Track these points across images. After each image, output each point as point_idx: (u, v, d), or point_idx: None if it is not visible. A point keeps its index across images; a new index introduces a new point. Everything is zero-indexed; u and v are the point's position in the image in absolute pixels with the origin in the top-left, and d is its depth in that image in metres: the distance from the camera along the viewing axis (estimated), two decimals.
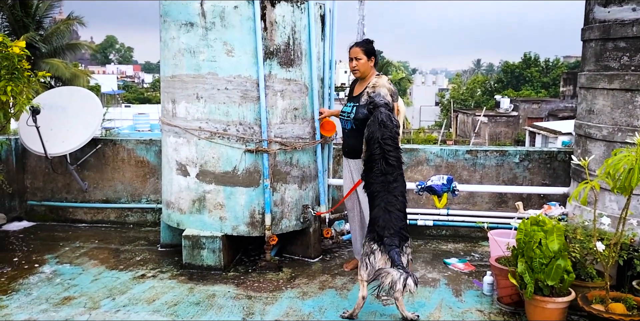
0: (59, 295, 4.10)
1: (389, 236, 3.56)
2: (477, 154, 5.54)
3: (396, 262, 3.46)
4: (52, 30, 22.16)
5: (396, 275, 3.37)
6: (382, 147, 3.74)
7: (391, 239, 3.55)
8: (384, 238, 3.56)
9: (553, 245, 3.37)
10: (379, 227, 3.62)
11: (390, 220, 3.60)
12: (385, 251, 3.54)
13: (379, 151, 3.74)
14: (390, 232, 3.57)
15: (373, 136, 3.79)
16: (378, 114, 3.84)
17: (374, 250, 3.59)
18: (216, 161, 4.55)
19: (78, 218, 6.13)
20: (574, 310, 3.61)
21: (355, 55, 4.29)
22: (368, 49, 4.29)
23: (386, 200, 3.67)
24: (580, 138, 4.45)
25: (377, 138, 3.76)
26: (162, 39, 4.75)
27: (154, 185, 5.98)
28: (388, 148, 3.74)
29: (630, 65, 3.94)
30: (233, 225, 4.61)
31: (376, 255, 3.57)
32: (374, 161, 3.77)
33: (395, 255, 3.49)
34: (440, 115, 47.42)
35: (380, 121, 3.80)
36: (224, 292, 4.15)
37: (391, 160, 3.73)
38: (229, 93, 4.46)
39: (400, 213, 3.65)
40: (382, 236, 3.58)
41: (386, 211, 3.64)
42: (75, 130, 5.66)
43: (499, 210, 5.51)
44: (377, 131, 3.78)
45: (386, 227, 3.59)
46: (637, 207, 3.88)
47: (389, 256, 3.51)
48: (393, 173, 3.73)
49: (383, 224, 3.61)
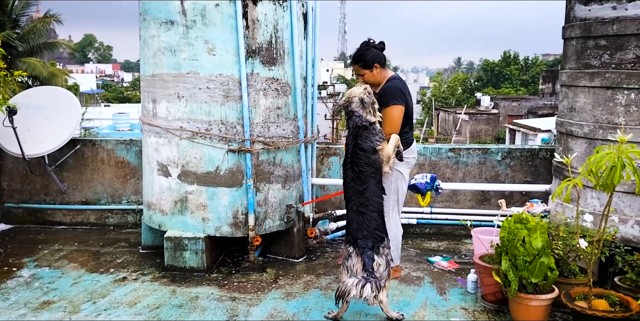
0: (38, 299, 4.01)
1: (362, 238, 3.56)
2: (460, 152, 5.56)
3: (366, 266, 3.46)
4: (29, 28, 21.77)
5: (350, 283, 3.37)
6: (352, 157, 3.74)
7: (364, 241, 3.54)
8: (357, 241, 3.56)
9: (536, 243, 3.38)
10: (353, 229, 3.62)
11: (362, 222, 3.60)
12: (360, 254, 3.53)
13: (349, 160, 3.75)
14: (363, 234, 3.56)
15: (347, 149, 3.80)
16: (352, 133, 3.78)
17: (350, 253, 3.58)
18: (198, 161, 4.49)
19: (57, 221, 6.02)
20: (557, 307, 3.64)
21: (358, 72, 4.08)
22: (365, 62, 4.01)
23: (358, 202, 3.66)
24: (561, 135, 4.48)
25: (349, 152, 3.76)
26: (142, 38, 4.68)
27: (134, 186, 5.90)
28: (358, 157, 3.71)
29: (611, 63, 3.97)
30: (216, 226, 4.55)
31: (352, 258, 3.55)
32: (346, 167, 3.78)
33: (367, 258, 3.49)
34: (422, 113, 47.68)
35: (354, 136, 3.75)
36: (207, 294, 4.10)
37: (360, 166, 3.71)
38: (210, 93, 4.40)
39: (374, 213, 3.64)
40: (356, 238, 3.58)
41: (358, 213, 3.63)
42: (53, 130, 5.56)
43: (482, 207, 5.54)
44: (349, 145, 3.79)
45: (359, 229, 3.59)
46: (618, 204, 3.92)
47: (361, 260, 3.51)
48: (362, 177, 3.70)
49: (356, 226, 3.61)
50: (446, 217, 5.48)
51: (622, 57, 3.90)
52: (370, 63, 3.99)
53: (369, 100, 3.78)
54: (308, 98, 4.98)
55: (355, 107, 3.77)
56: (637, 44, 3.83)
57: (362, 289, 3.35)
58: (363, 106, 3.76)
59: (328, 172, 5.68)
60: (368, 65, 4.00)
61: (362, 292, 3.34)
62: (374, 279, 3.43)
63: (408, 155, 4.15)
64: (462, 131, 34.62)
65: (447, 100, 48.09)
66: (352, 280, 3.39)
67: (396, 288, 4.19)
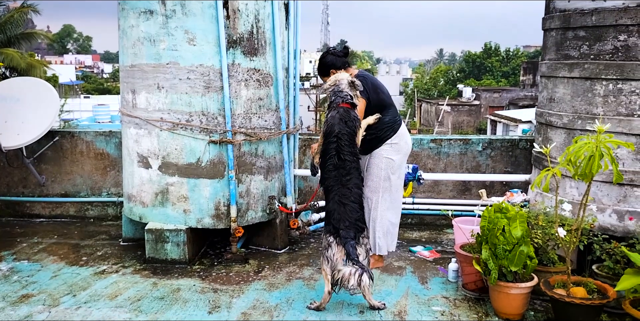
0: (16, 292, 3.96)
1: (344, 228, 3.58)
2: (442, 143, 5.59)
3: (351, 256, 3.50)
4: (6, 18, 21.32)
5: (347, 272, 3.41)
6: (338, 142, 3.74)
7: (347, 231, 3.57)
8: (339, 231, 3.59)
9: (516, 232, 3.42)
10: (334, 219, 3.64)
11: (345, 213, 3.62)
12: (342, 244, 3.56)
13: (335, 145, 3.75)
14: (345, 225, 3.59)
15: (331, 130, 3.79)
16: (339, 110, 3.83)
17: (331, 243, 3.60)
18: (179, 153, 4.45)
19: (36, 213, 5.94)
20: (536, 295, 3.69)
21: (323, 80, 4.38)
22: (322, 70, 4.37)
23: (340, 193, 3.68)
24: (541, 126, 4.53)
25: (335, 133, 3.76)
26: (121, 28, 4.61)
27: (114, 178, 5.83)
28: (343, 143, 3.74)
29: (589, 54, 4.01)
30: (197, 218, 4.53)
31: (333, 247, 3.58)
32: (328, 155, 3.77)
33: (350, 248, 3.51)
34: (405, 104, 47.84)
35: (340, 117, 3.80)
36: (189, 286, 4.08)
37: (345, 155, 3.73)
38: (191, 83, 4.36)
39: (355, 204, 3.68)
40: (337, 228, 3.60)
41: (340, 204, 3.65)
42: (30, 122, 5.46)
43: (463, 198, 5.58)
44: (335, 125, 3.78)
45: (341, 220, 3.61)
46: (596, 193, 3.98)
47: (345, 250, 3.54)
48: (346, 167, 3.73)
49: (338, 217, 3.63)
50: (428, 207, 5.52)
51: (600, 48, 3.94)
52: (326, 70, 4.32)
53: (358, 83, 3.95)
54: (290, 89, 4.95)
55: (345, 88, 3.90)
56: (616, 35, 3.87)
57: (360, 278, 3.41)
58: (353, 87, 3.92)
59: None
60: (325, 73, 4.33)
61: (360, 281, 3.40)
62: (367, 267, 3.48)
63: (395, 141, 4.23)
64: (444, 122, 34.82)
65: (430, 91, 48.29)
66: (349, 269, 3.43)
67: (378, 278, 4.21)
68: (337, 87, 3.93)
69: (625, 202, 3.90)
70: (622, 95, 3.87)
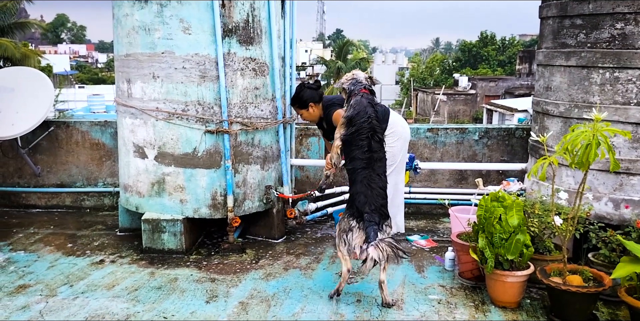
0: (13, 283, 3.96)
1: (369, 212, 3.48)
2: (438, 132, 5.58)
3: (370, 239, 3.39)
4: None
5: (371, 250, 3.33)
6: (371, 123, 3.69)
7: (371, 215, 3.47)
8: (364, 215, 3.49)
9: (512, 220, 3.43)
10: (360, 202, 3.53)
11: (372, 197, 3.53)
12: (363, 229, 3.46)
13: (368, 127, 3.67)
14: (371, 208, 3.49)
15: (364, 112, 3.71)
16: (362, 95, 3.84)
17: (352, 227, 3.50)
18: (175, 142, 4.43)
19: (32, 204, 5.92)
20: (533, 283, 3.70)
21: (297, 112, 4.67)
22: (301, 103, 4.56)
23: (369, 177, 3.59)
24: (537, 114, 4.52)
25: (368, 114, 3.70)
26: (115, 16, 4.56)
27: (110, 168, 5.82)
28: (377, 125, 3.71)
29: (586, 42, 4.00)
30: (194, 208, 4.52)
31: (354, 232, 3.48)
32: (359, 137, 3.67)
33: (372, 231, 3.41)
34: (401, 93, 47.74)
35: (368, 100, 3.80)
36: (187, 276, 4.09)
37: (379, 138, 3.70)
38: (186, 73, 4.33)
39: (381, 191, 3.59)
40: (362, 212, 3.50)
41: (369, 187, 3.56)
42: (25, 112, 5.42)
43: (459, 187, 5.59)
44: (368, 107, 3.74)
45: (367, 203, 3.51)
46: (593, 182, 3.98)
47: (365, 233, 3.44)
48: (379, 151, 3.68)
49: (364, 200, 3.52)
50: (424, 197, 5.52)
51: (597, 36, 3.93)
52: (305, 103, 4.53)
53: (376, 78, 4.10)
54: (286, 79, 4.93)
55: (363, 80, 3.97)
56: (613, 24, 3.85)
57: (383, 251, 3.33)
58: (372, 82, 4.03)
59: (307, 152, 5.67)
60: (304, 105, 4.54)
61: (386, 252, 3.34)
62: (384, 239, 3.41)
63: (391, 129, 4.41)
64: (440, 111, 34.80)
65: (426, 80, 48.17)
66: (371, 248, 3.34)
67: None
68: (355, 80, 3.95)
69: (621, 190, 3.91)
70: (618, 84, 3.86)
